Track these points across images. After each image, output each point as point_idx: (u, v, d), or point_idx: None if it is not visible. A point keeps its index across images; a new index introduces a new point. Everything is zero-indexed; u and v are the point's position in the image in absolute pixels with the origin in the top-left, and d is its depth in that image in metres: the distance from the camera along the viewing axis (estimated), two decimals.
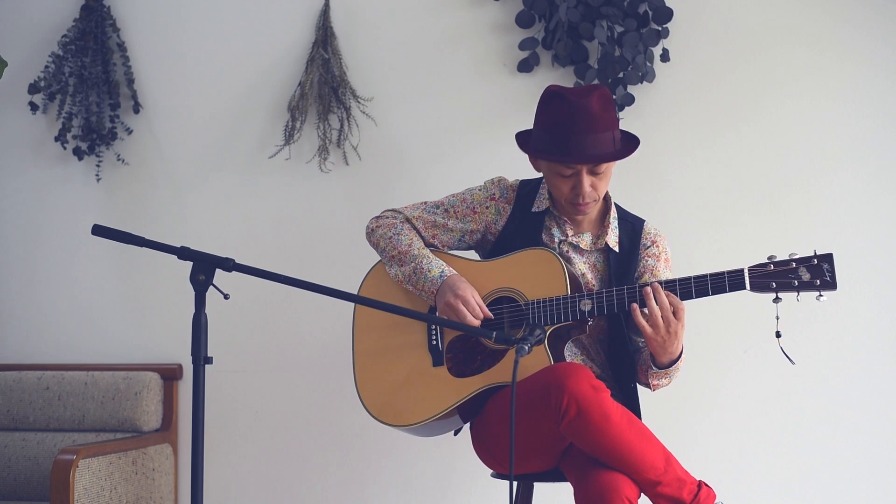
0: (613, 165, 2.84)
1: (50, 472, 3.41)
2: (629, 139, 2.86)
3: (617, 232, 2.93)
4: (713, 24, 3.50)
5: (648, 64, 3.46)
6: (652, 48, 3.47)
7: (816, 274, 2.59)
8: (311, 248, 3.73)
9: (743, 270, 2.64)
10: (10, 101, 3.94)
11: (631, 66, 3.43)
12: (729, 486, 3.36)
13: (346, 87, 3.68)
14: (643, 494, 2.61)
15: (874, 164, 3.42)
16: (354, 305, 3.03)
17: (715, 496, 2.63)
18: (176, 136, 3.86)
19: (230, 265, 2.34)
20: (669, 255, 2.97)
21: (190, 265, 2.34)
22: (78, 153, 3.84)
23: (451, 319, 2.81)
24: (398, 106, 3.69)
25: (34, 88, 3.83)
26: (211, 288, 2.35)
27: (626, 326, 2.89)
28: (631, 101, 3.46)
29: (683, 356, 2.79)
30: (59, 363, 3.87)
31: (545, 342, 2.73)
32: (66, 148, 3.87)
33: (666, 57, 3.48)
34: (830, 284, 2.59)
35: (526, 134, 2.94)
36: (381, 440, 3.65)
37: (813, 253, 2.62)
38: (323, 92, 3.68)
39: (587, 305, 2.75)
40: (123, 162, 3.87)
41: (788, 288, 2.61)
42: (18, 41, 3.93)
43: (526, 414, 2.60)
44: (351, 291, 2.52)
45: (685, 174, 3.50)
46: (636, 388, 2.96)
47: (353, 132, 3.70)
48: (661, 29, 3.47)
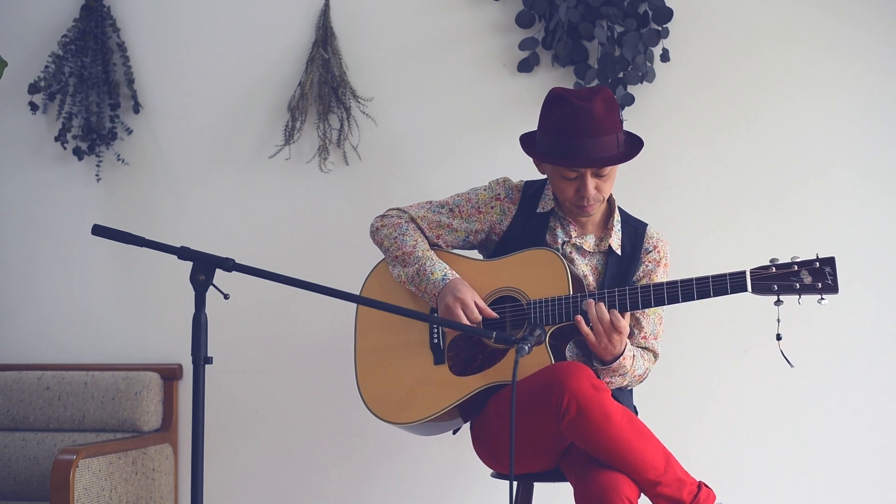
0: (616, 168, 2.84)
1: (50, 472, 3.41)
2: (633, 141, 2.87)
3: (620, 235, 2.93)
4: (713, 24, 3.50)
5: (648, 64, 3.46)
6: (652, 48, 3.47)
7: (818, 277, 2.59)
8: (311, 248, 3.73)
9: (745, 272, 2.64)
10: (10, 101, 3.94)
11: (631, 66, 3.43)
12: (729, 486, 3.36)
13: (346, 87, 3.68)
14: (643, 494, 2.61)
15: (874, 163, 3.42)
16: (356, 304, 3.03)
17: (715, 497, 2.63)
18: (176, 136, 3.86)
19: (230, 265, 2.34)
20: (669, 260, 2.97)
21: (190, 265, 2.34)
22: (78, 153, 3.84)
23: (448, 324, 2.82)
24: (398, 106, 3.69)
25: (34, 88, 3.83)
26: (211, 288, 2.35)
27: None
28: (631, 101, 3.46)
29: (627, 356, 2.79)
30: (59, 363, 3.87)
31: (546, 342, 2.74)
32: (66, 148, 3.87)
33: (666, 57, 3.48)
34: (832, 288, 2.58)
35: (530, 136, 2.94)
36: (381, 440, 3.65)
37: (815, 256, 2.61)
38: (323, 92, 3.68)
39: (589, 306, 2.75)
40: (123, 162, 3.87)
41: (790, 291, 2.60)
42: (18, 41, 3.93)
43: (526, 413, 2.60)
44: (351, 291, 2.52)
45: (685, 174, 3.50)
46: (632, 389, 2.96)
47: (353, 132, 3.70)
48: (661, 29, 3.47)
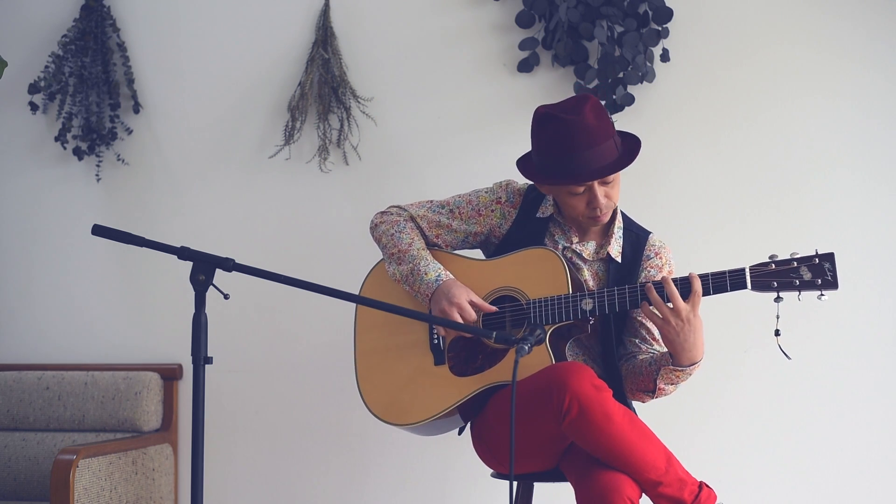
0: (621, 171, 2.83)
1: (50, 472, 3.41)
2: (630, 141, 2.85)
3: (621, 242, 2.92)
4: (713, 24, 3.50)
5: (648, 64, 3.46)
6: (652, 48, 3.47)
7: (818, 273, 2.59)
8: (311, 248, 3.73)
9: (744, 270, 2.64)
10: (10, 101, 3.94)
11: (631, 66, 3.43)
12: (729, 486, 3.36)
13: (346, 87, 3.68)
14: (644, 494, 2.61)
15: (874, 162, 3.42)
16: (356, 304, 3.03)
17: (716, 497, 2.63)
18: (176, 136, 3.86)
19: (230, 265, 2.34)
20: (673, 267, 2.95)
21: (190, 265, 2.34)
22: (78, 153, 3.84)
23: (442, 329, 2.83)
24: (398, 106, 3.69)
25: (34, 88, 3.83)
26: (211, 288, 2.35)
27: (622, 331, 2.89)
28: (631, 101, 3.46)
29: (701, 364, 2.77)
30: (59, 363, 3.87)
31: (546, 341, 2.74)
32: (66, 148, 3.87)
33: (666, 57, 3.48)
34: (832, 284, 2.59)
35: (525, 159, 2.91)
36: (381, 440, 3.65)
37: (814, 252, 2.61)
38: (323, 92, 3.68)
39: (589, 304, 2.74)
40: (123, 162, 3.87)
41: (790, 287, 2.60)
42: (18, 41, 3.93)
43: (527, 413, 2.60)
44: (351, 291, 2.52)
45: (685, 174, 3.50)
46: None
47: (353, 132, 3.70)
48: (661, 29, 3.47)
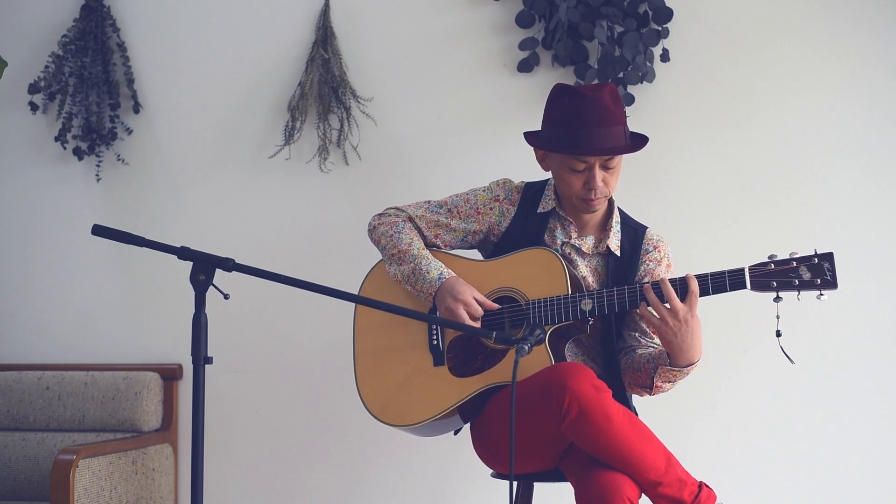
0: (622, 162, 2.84)
1: (50, 472, 3.41)
2: (638, 136, 2.87)
3: (619, 236, 2.92)
4: (713, 24, 3.50)
5: (648, 64, 3.46)
6: (652, 48, 3.47)
7: (817, 273, 2.59)
8: (311, 248, 3.73)
9: (744, 270, 2.64)
10: (10, 101, 3.94)
11: (631, 66, 3.43)
12: (729, 486, 3.36)
13: (346, 87, 3.68)
14: (644, 495, 2.61)
15: (873, 161, 3.42)
16: (355, 306, 3.03)
17: (715, 497, 2.63)
18: (176, 136, 3.86)
19: (230, 265, 2.34)
20: (671, 261, 2.96)
21: (190, 265, 2.34)
22: (78, 153, 3.84)
23: (447, 324, 2.82)
24: (398, 106, 3.69)
25: (34, 88, 3.83)
26: (211, 288, 2.35)
27: (621, 325, 2.89)
28: (631, 101, 3.46)
29: (698, 364, 2.78)
30: (59, 363, 3.87)
31: (546, 342, 2.74)
32: (66, 148, 3.87)
33: (666, 57, 3.48)
34: (831, 283, 2.59)
35: (534, 133, 2.94)
36: (380, 440, 3.65)
37: (813, 252, 2.62)
38: (323, 92, 3.68)
39: (588, 305, 2.75)
40: (123, 162, 3.87)
41: (789, 287, 2.61)
42: (18, 41, 3.93)
43: (527, 413, 2.60)
44: (351, 291, 2.52)
45: (685, 174, 3.50)
46: (631, 395, 2.96)
47: (353, 132, 3.70)
48: (661, 29, 3.47)
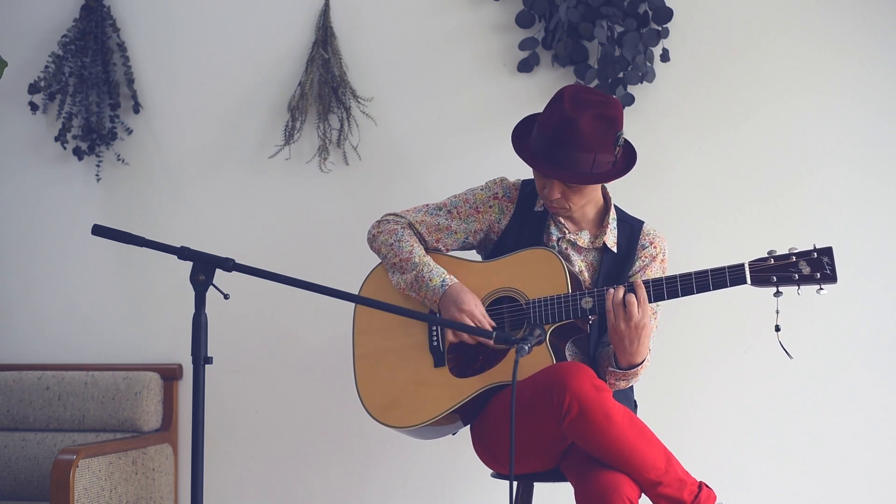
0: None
1: (50, 472, 3.41)
2: (623, 162, 2.81)
3: (616, 233, 2.93)
4: (713, 24, 3.50)
5: (648, 64, 3.46)
6: (652, 48, 3.47)
7: (816, 267, 2.60)
8: (311, 248, 3.73)
9: (743, 265, 2.64)
10: (10, 101, 3.94)
11: (631, 66, 3.43)
12: (729, 486, 3.36)
13: (346, 87, 3.68)
14: (644, 495, 2.61)
15: (872, 159, 3.42)
16: (354, 308, 3.03)
17: (715, 497, 2.63)
18: (176, 136, 3.86)
19: (230, 265, 2.34)
20: (667, 256, 2.97)
21: (190, 265, 2.34)
22: (78, 153, 3.84)
23: (453, 336, 2.84)
24: (398, 106, 3.69)
25: (34, 88, 3.83)
26: (211, 288, 2.35)
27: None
28: (631, 101, 3.46)
29: (646, 365, 2.79)
30: (59, 363, 3.87)
31: (546, 341, 2.74)
32: (66, 148, 3.87)
33: (666, 57, 3.48)
34: (831, 277, 2.60)
35: (530, 121, 2.93)
36: (380, 440, 3.65)
37: (813, 247, 2.63)
38: (323, 92, 3.68)
39: (588, 303, 2.75)
40: (123, 162, 3.87)
41: (789, 282, 2.62)
42: (18, 41, 3.93)
43: (527, 413, 2.60)
44: (351, 291, 2.52)
45: (685, 173, 3.50)
46: (632, 388, 2.96)
47: (353, 132, 3.70)
48: (661, 29, 3.47)
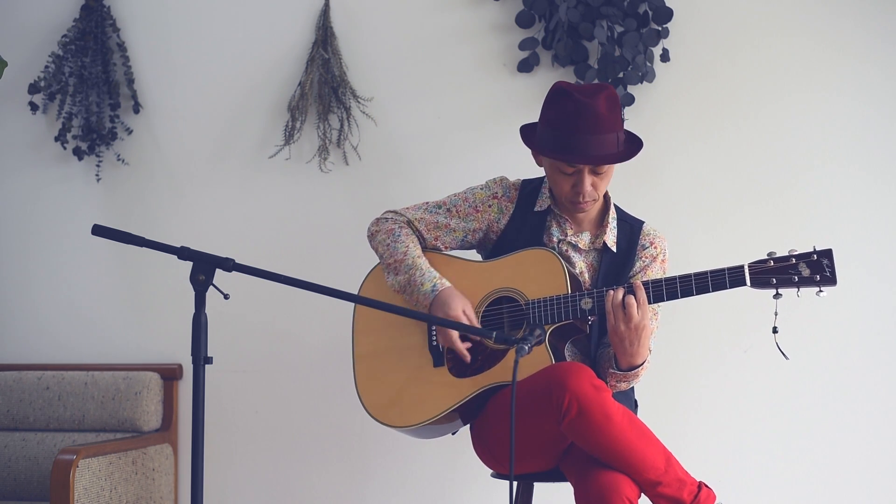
0: (613, 166, 2.84)
1: (50, 472, 3.41)
2: (633, 141, 2.86)
3: (615, 232, 2.93)
4: (713, 24, 3.50)
5: (648, 64, 3.46)
6: (652, 48, 3.47)
7: (816, 269, 2.60)
8: (311, 248, 3.73)
9: (743, 267, 2.64)
10: (10, 101, 3.94)
11: (631, 66, 3.43)
12: (729, 486, 3.36)
13: (346, 87, 3.68)
14: (643, 495, 2.61)
15: (872, 159, 3.42)
16: (354, 308, 3.03)
17: (715, 497, 2.63)
18: (176, 136, 3.86)
19: (230, 265, 2.34)
20: (667, 256, 2.97)
21: (190, 265, 2.34)
22: (78, 153, 3.84)
23: (445, 337, 2.82)
24: (398, 106, 3.69)
25: (34, 88, 3.83)
26: (211, 288, 2.35)
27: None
28: (631, 101, 3.46)
29: (646, 367, 2.79)
30: (59, 363, 3.87)
31: (546, 342, 2.74)
32: (66, 148, 3.87)
33: (666, 57, 3.48)
34: (830, 280, 2.60)
35: (530, 127, 2.94)
36: (380, 440, 3.65)
37: (812, 249, 2.63)
38: (323, 92, 3.68)
39: (588, 304, 2.75)
40: (123, 162, 3.87)
41: (789, 284, 2.62)
42: (18, 41, 3.93)
43: (527, 413, 2.60)
44: (351, 291, 2.52)
45: (685, 173, 3.51)
46: (632, 388, 2.96)
47: (353, 132, 3.70)
48: (661, 29, 3.47)
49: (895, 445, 3.40)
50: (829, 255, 2.61)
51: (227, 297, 2.35)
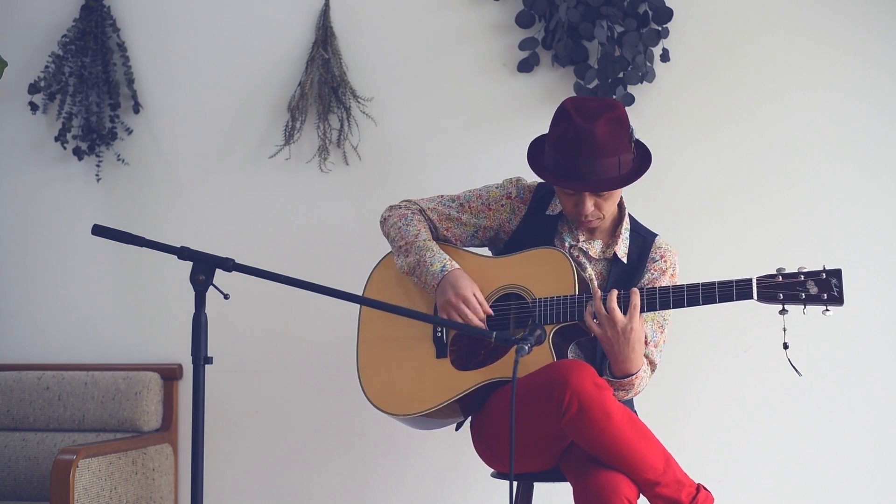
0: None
1: (50, 472, 3.41)
2: (641, 159, 2.83)
3: (627, 244, 2.92)
4: (713, 24, 3.50)
5: (648, 64, 3.46)
6: (652, 48, 3.47)
7: (824, 288, 2.60)
8: (311, 248, 3.73)
9: (751, 280, 2.64)
10: (10, 101, 3.94)
11: (631, 66, 3.43)
12: (728, 487, 3.36)
13: (346, 87, 3.68)
14: (641, 495, 2.61)
15: (874, 159, 3.42)
16: (364, 289, 3.04)
17: (713, 500, 2.63)
18: (176, 136, 3.86)
19: (230, 265, 2.34)
20: (677, 271, 2.95)
21: (190, 265, 2.34)
22: (78, 153, 3.84)
23: (451, 317, 2.82)
24: (398, 106, 3.69)
25: (34, 88, 3.83)
26: (211, 288, 2.35)
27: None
28: (631, 101, 3.46)
29: (642, 377, 2.79)
30: (59, 363, 3.87)
31: (549, 342, 2.74)
32: (66, 148, 3.87)
33: (666, 57, 3.49)
34: (837, 300, 2.59)
35: (540, 142, 2.93)
36: (380, 440, 3.65)
37: (822, 267, 2.62)
38: (323, 92, 3.68)
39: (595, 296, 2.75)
40: (123, 162, 3.87)
41: (795, 300, 2.61)
42: (18, 41, 3.93)
43: (527, 410, 2.60)
44: (351, 291, 2.52)
45: (685, 173, 3.50)
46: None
47: (353, 132, 3.70)
48: (661, 29, 3.47)
49: (894, 446, 3.40)
50: (837, 274, 2.60)
51: (227, 297, 2.35)
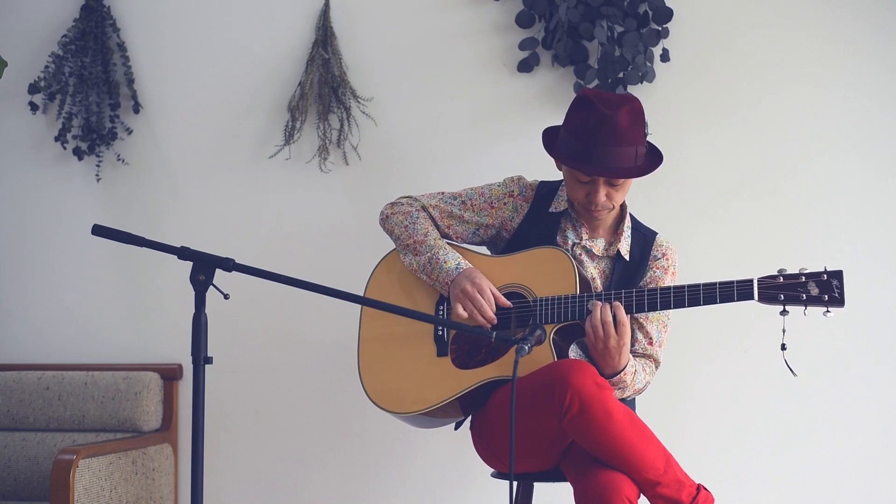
0: (631, 179, 2.84)
1: (50, 472, 3.41)
2: (654, 154, 2.86)
3: (630, 241, 2.93)
4: (713, 24, 3.50)
5: (648, 64, 3.46)
6: (652, 48, 3.47)
7: (825, 290, 2.60)
8: (311, 248, 3.73)
9: (752, 281, 2.64)
10: (10, 101, 3.94)
11: (631, 66, 3.43)
12: (728, 487, 3.36)
13: (346, 87, 3.68)
14: (642, 494, 2.61)
15: (875, 158, 3.42)
16: (365, 290, 3.04)
17: (713, 500, 2.63)
18: (176, 136, 3.86)
19: (230, 265, 2.34)
20: (677, 269, 2.97)
21: (190, 265, 2.34)
22: (78, 153, 3.84)
23: (465, 307, 2.82)
24: (398, 106, 3.69)
25: (34, 88, 3.83)
26: (211, 288, 2.35)
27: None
28: None
29: (628, 372, 2.79)
30: (59, 363, 3.87)
31: (550, 341, 2.74)
32: (66, 148, 3.87)
33: (666, 57, 3.49)
34: (838, 301, 2.59)
35: (554, 131, 2.94)
36: (381, 440, 3.65)
37: (823, 269, 2.62)
38: (323, 92, 3.68)
39: (595, 307, 2.75)
40: (123, 162, 3.87)
41: (796, 301, 2.61)
42: (18, 41, 3.93)
43: (528, 409, 2.60)
44: (351, 291, 2.52)
45: (685, 173, 3.50)
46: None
47: (353, 132, 3.70)
48: (661, 29, 3.47)
49: (893, 448, 3.40)
50: (839, 276, 2.60)
51: (227, 297, 2.35)
